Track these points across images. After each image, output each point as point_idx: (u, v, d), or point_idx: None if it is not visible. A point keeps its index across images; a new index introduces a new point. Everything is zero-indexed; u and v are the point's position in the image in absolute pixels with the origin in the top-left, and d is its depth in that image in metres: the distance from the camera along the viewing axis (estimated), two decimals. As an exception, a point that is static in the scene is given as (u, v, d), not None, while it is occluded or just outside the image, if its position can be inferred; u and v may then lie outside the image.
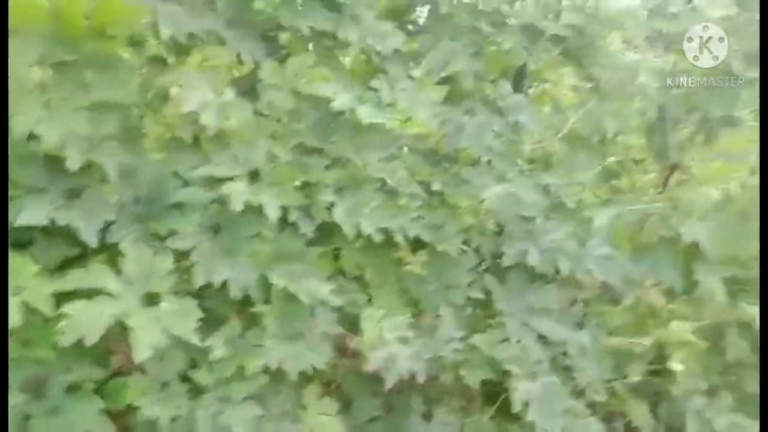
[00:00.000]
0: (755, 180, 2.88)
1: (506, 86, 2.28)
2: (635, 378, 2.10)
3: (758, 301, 2.36)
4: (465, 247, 1.91)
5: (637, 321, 2.31)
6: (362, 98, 1.84)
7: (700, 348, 2.15)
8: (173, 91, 1.52)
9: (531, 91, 2.85)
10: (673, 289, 2.30)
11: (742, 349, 2.30)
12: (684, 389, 2.08)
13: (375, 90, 1.90)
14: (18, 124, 1.26)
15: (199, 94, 1.55)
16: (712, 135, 2.90)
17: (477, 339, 1.79)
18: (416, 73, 2.26)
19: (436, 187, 1.96)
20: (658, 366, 2.15)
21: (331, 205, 1.68)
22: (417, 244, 1.91)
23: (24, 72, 1.35)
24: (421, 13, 2.32)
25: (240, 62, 1.87)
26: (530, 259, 1.94)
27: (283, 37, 2.01)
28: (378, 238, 1.69)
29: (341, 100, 1.76)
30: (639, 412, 2.09)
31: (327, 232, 1.74)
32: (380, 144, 1.89)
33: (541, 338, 1.92)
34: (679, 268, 2.33)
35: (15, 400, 1.25)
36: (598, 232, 2.20)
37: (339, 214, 1.66)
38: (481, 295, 1.88)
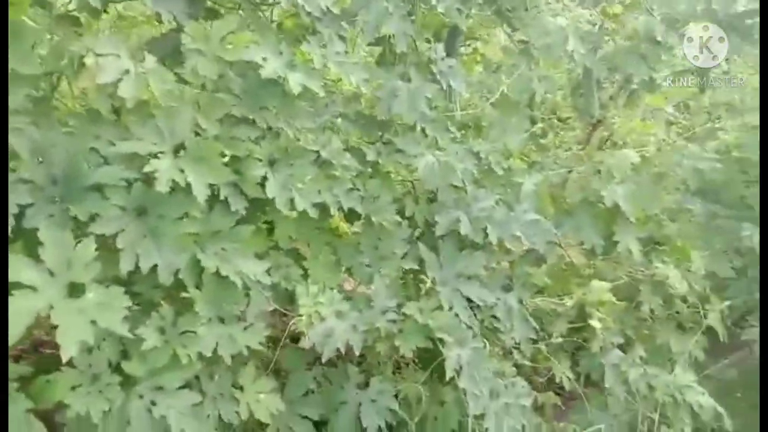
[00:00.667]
0: (672, 142, 3.06)
1: (440, 49, 2.25)
2: (558, 336, 2.22)
3: (671, 259, 2.54)
4: (399, 219, 1.91)
5: (560, 281, 2.42)
6: (292, 63, 1.76)
7: (617, 306, 2.29)
8: (88, 59, 1.39)
9: (462, 49, 2.84)
10: (594, 249, 2.42)
11: (654, 304, 2.47)
12: (602, 345, 2.22)
13: (305, 54, 1.83)
14: None
15: (116, 62, 1.43)
16: (634, 96, 3.03)
17: (411, 308, 1.82)
18: (349, 34, 2.19)
19: (370, 157, 1.94)
20: (579, 323, 2.28)
21: (263, 179, 1.63)
22: (352, 214, 1.90)
23: None
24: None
25: (159, 21, 1.74)
26: (462, 228, 1.98)
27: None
28: (313, 212, 1.66)
29: (270, 66, 1.67)
30: (561, 368, 2.22)
31: (259, 206, 1.69)
32: (312, 111, 1.84)
33: (471, 303, 1.98)
34: (599, 229, 2.45)
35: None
36: (525, 198, 2.26)
37: (272, 190, 1.61)
38: (414, 266, 1.90)
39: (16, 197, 1.28)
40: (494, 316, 2.07)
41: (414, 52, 2.23)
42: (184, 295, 1.40)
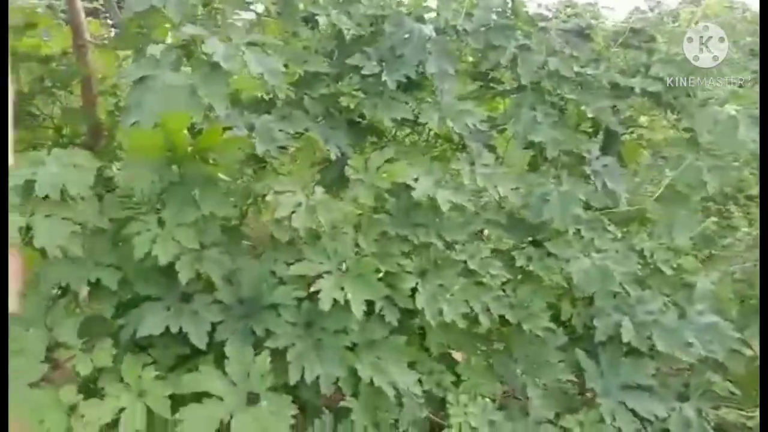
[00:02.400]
0: None
1: (594, 149, 2.25)
2: (749, 457, 1.97)
3: None
4: (553, 326, 1.90)
5: (748, 390, 2.16)
6: (441, 182, 1.90)
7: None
8: (269, 196, 1.67)
9: (625, 137, 2.75)
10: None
11: None
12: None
13: (455, 172, 1.97)
14: (138, 246, 1.46)
15: (291, 197, 1.70)
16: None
17: (569, 420, 1.77)
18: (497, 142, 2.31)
19: (520, 262, 1.98)
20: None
21: (414, 290, 1.75)
22: (503, 321, 1.93)
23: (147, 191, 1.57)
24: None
25: (327, 152, 2.01)
26: (624, 334, 1.90)
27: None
28: (461, 323, 1.74)
29: (421, 187, 1.84)
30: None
31: (410, 315, 1.81)
32: (461, 224, 1.94)
33: (637, 415, 1.86)
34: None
35: None
36: (701, 298, 2.10)
37: (422, 301, 1.73)
38: (571, 377, 1.86)
39: (210, 316, 1.55)
40: (667, 430, 1.91)
41: (565, 156, 2.26)
42: (341, 404, 1.55)
